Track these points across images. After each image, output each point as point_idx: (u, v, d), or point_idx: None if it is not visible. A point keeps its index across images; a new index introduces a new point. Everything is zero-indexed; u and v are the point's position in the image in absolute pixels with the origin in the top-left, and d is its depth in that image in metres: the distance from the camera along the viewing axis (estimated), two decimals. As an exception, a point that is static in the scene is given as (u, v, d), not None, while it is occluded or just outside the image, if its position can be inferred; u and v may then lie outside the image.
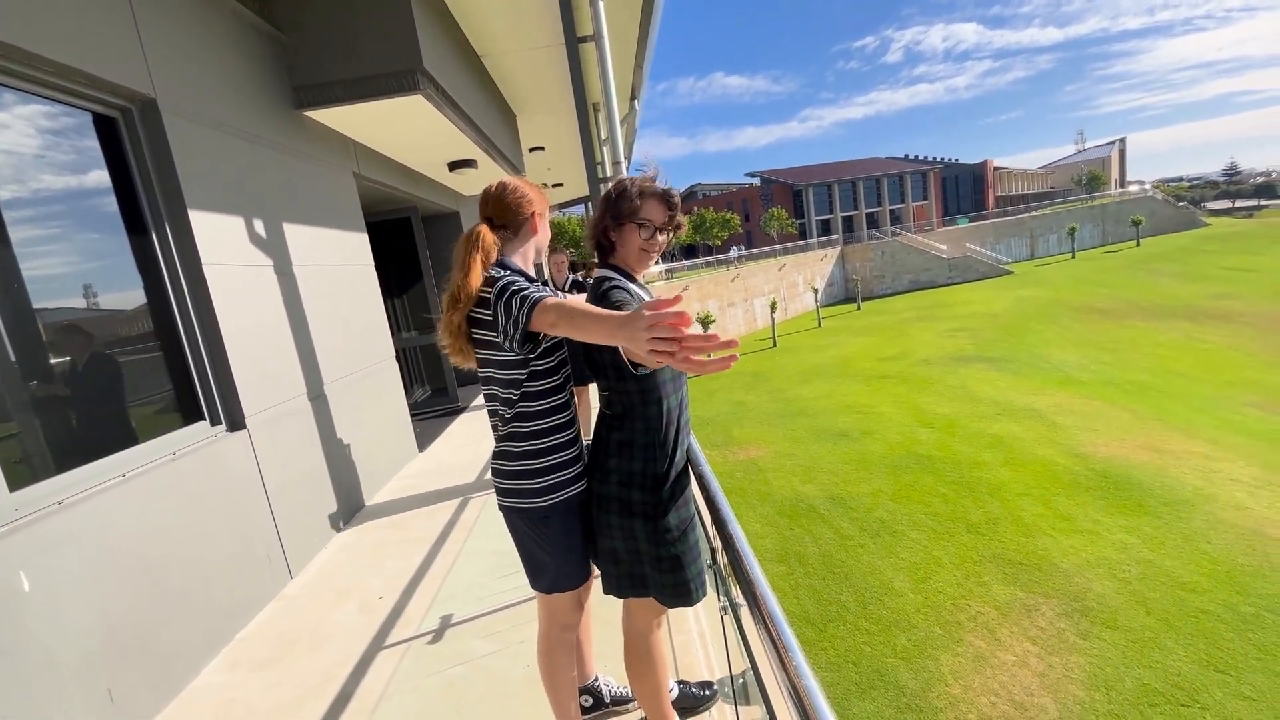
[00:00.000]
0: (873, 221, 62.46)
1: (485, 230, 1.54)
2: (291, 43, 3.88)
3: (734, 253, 41.14)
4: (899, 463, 14.21)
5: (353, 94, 4.04)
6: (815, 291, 37.37)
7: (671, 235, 1.56)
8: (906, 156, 75.28)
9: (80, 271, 2.55)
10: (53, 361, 2.36)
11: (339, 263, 4.45)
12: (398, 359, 5.52)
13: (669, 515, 1.50)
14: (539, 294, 1.37)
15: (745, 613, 1.49)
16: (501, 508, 1.62)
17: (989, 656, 7.98)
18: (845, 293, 45.72)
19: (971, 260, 45.91)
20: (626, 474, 1.51)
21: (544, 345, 1.51)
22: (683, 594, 1.51)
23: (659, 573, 1.51)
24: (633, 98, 8.84)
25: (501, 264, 1.53)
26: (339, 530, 3.80)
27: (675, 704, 1.85)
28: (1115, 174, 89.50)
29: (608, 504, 1.53)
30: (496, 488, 1.62)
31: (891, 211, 64.08)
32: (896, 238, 48.68)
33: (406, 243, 7.14)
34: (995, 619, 8.55)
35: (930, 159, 75.65)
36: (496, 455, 1.61)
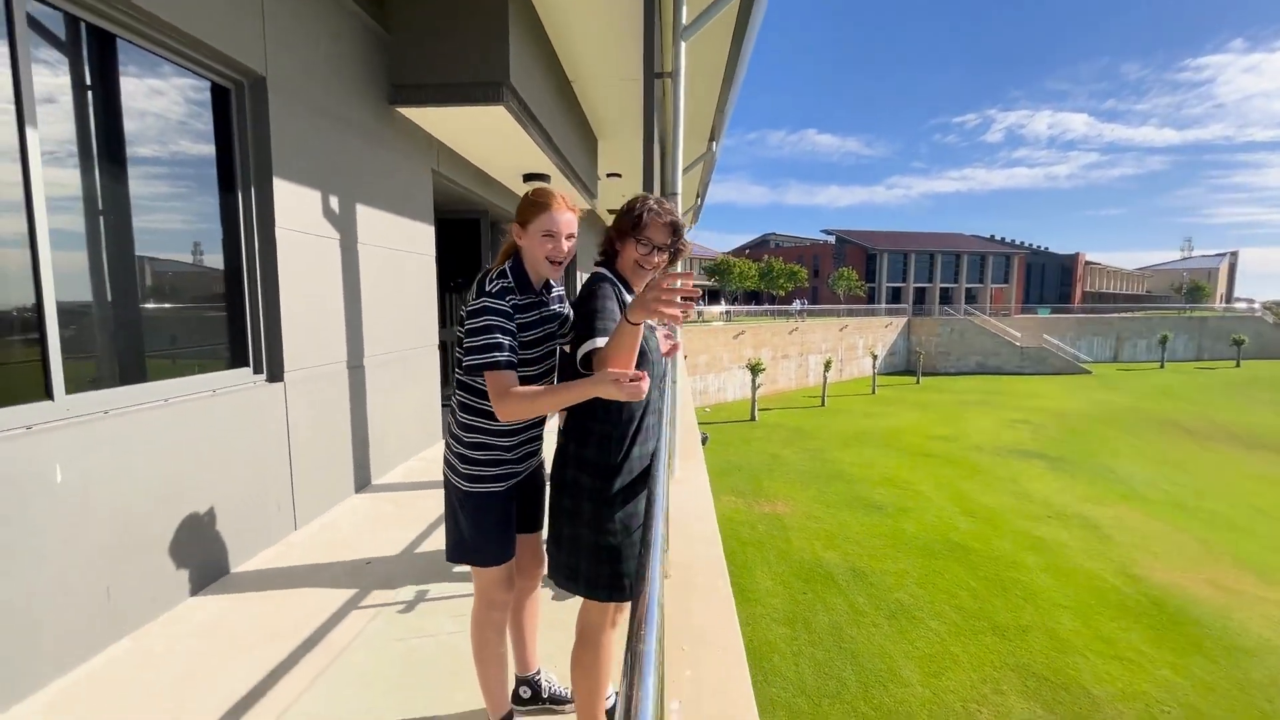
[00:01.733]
0: (946, 297, 60.65)
1: (514, 228, 1.70)
2: (396, 43, 4.26)
3: (796, 305, 40.75)
4: (931, 546, 13.53)
5: (442, 97, 4.37)
6: (874, 357, 36.44)
7: (670, 260, 1.65)
8: (992, 237, 73.06)
9: (173, 218, 2.86)
10: (127, 293, 2.64)
11: (403, 249, 4.76)
12: (443, 350, 5.79)
13: (616, 507, 1.57)
14: (501, 360, 1.53)
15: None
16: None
17: (993, 772, 7.38)
18: (906, 364, 44.35)
19: (1047, 352, 43.76)
20: (581, 459, 1.60)
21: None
22: (617, 587, 1.56)
23: (595, 563, 1.56)
24: (711, 139, 9.07)
25: (506, 270, 1.67)
26: (349, 496, 3.99)
27: (610, 712, 1.85)
28: (1221, 288, 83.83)
29: (562, 487, 1.61)
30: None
31: (968, 290, 62.11)
32: (969, 317, 47.06)
33: (472, 243, 7.51)
34: (1007, 733, 7.92)
35: (1017, 242, 73.13)
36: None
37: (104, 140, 2.47)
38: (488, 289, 1.61)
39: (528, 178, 6.84)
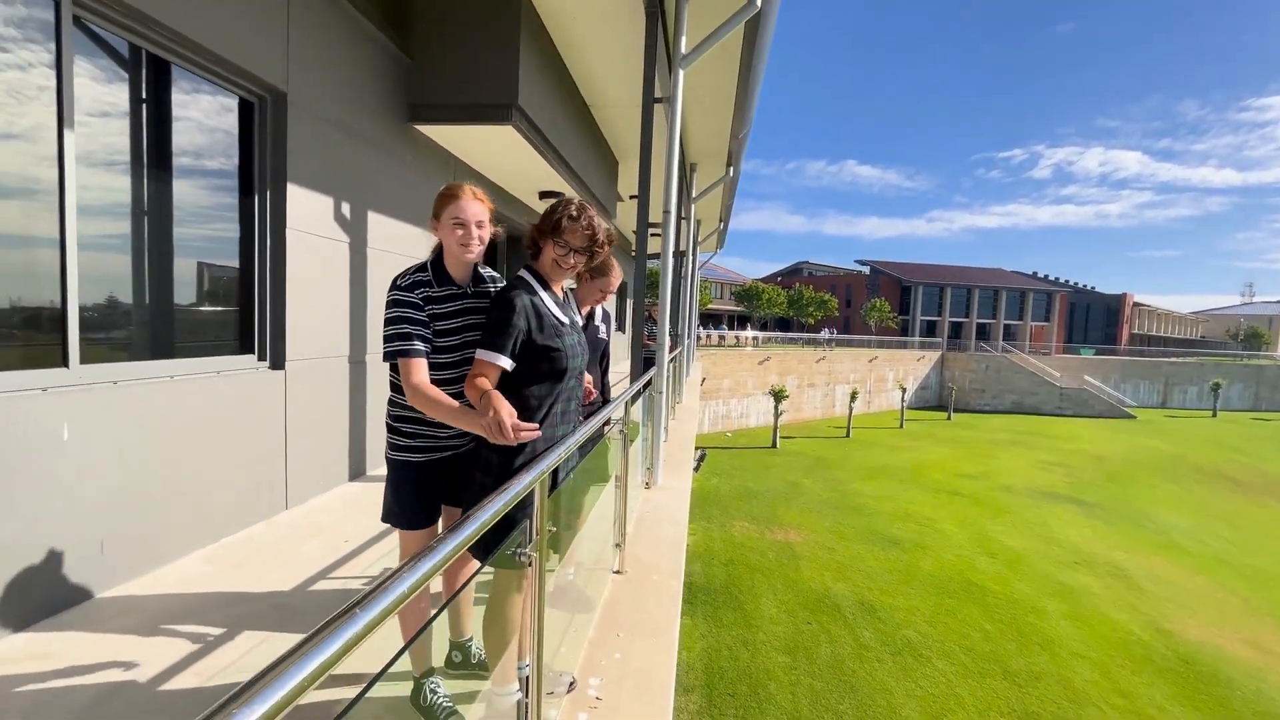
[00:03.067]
0: (983, 333, 59.19)
1: (430, 223, 1.91)
2: (414, 65, 4.60)
3: (825, 334, 40.37)
4: (946, 585, 13.14)
5: (456, 116, 4.70)
6: (903, 390, 35.73)
7: (588, 262, 1.82)
8: (1035, 274, 71.23)
9: (195, 217, 3.18)
10: (145, 281, 2.94)
11: (413, 255, 5.05)
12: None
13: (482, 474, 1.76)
14: (408, 348, 1.71)
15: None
16: None
17: (991, 821, 7.08)
18: (939, 399, 43.30)
19: (1088, 394, 42.19)
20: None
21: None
22: (504, 558, 1.70)
23: (496, 534, 1.71)
24: (729, 164, 9.28)
25: (425, 264, 1.86)
26: (342, 482, 4.22)
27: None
28: (1283, 336, 79.56)
29: (474, 462, 1.77)
30: None
31: (1006, 326, 60.50)
32: (1006, 354, 45.79)
33: (488, 256, 7.83)
34: (1009, 781, 7.60)
35: (1061, 280, 71.13)
36: None
37: (134, 145, 2.80)
38: (400, 283, 1.78)
39: (543, 195, 7.15)
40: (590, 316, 2.67)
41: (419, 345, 1.72)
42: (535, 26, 4.81)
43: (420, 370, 1.71)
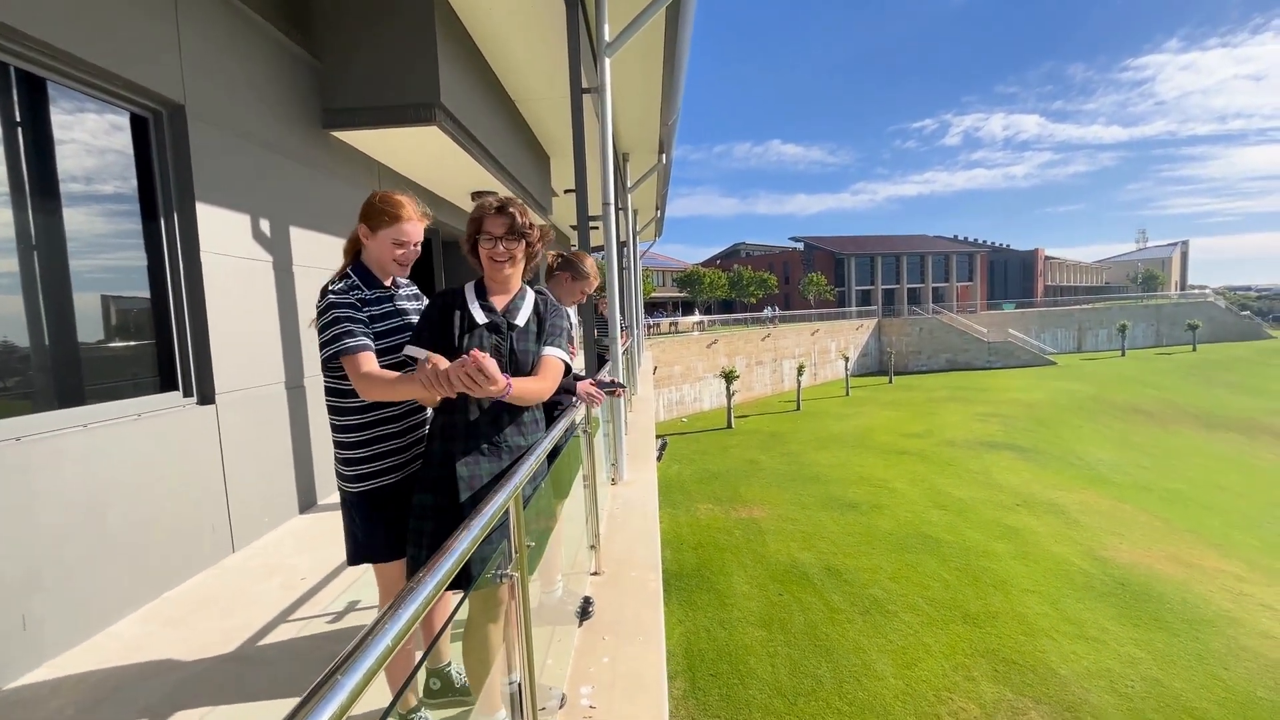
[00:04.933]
0: (914, 297, 61.92)
1: (361, 229, 1.81)
2: (326, 69, 4.34)
3: (768, 312, 41.27)
4: (904, 541, 13.73)
5: (376, 120, 4.46)
6: (846, 360, 36.99)
7: (519, 243, 1.74)
8: (955, 237, 74.94)
9: (93, 246, 2.89)
10: (44, 322, 2.66)
11: (343, 269, 4.80)
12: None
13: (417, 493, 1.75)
14: (352, 345, 1.63)
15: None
16: None
17: (966, 757, 7.49)
18: (879, 365, 45.10)
19: (1013, 346, 44.87)
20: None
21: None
22: (461, 576, 1.65)
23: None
24: (661, 151, 9.27)
25: (349, 272, 1.78)
26: (292, 516, 3.98)
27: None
28: (1175, 276, 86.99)
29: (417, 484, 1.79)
30: None
31: (934, 289, 63.49)
32: (937, 315, 48.11)
33: (424, 264, 7.55)
34: (978, 718, 8.04)
35: (980, 241, 75.14)
36: None
37: (12, 174, 2.51)
38: (332, 288, 1.72)
39: (475, 195, 6.93)
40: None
41: (364, 340, 1.65)
42: (449, 18, 4.62)
43: (370, 361, 1.63)
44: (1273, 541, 14.78)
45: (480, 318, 1.73)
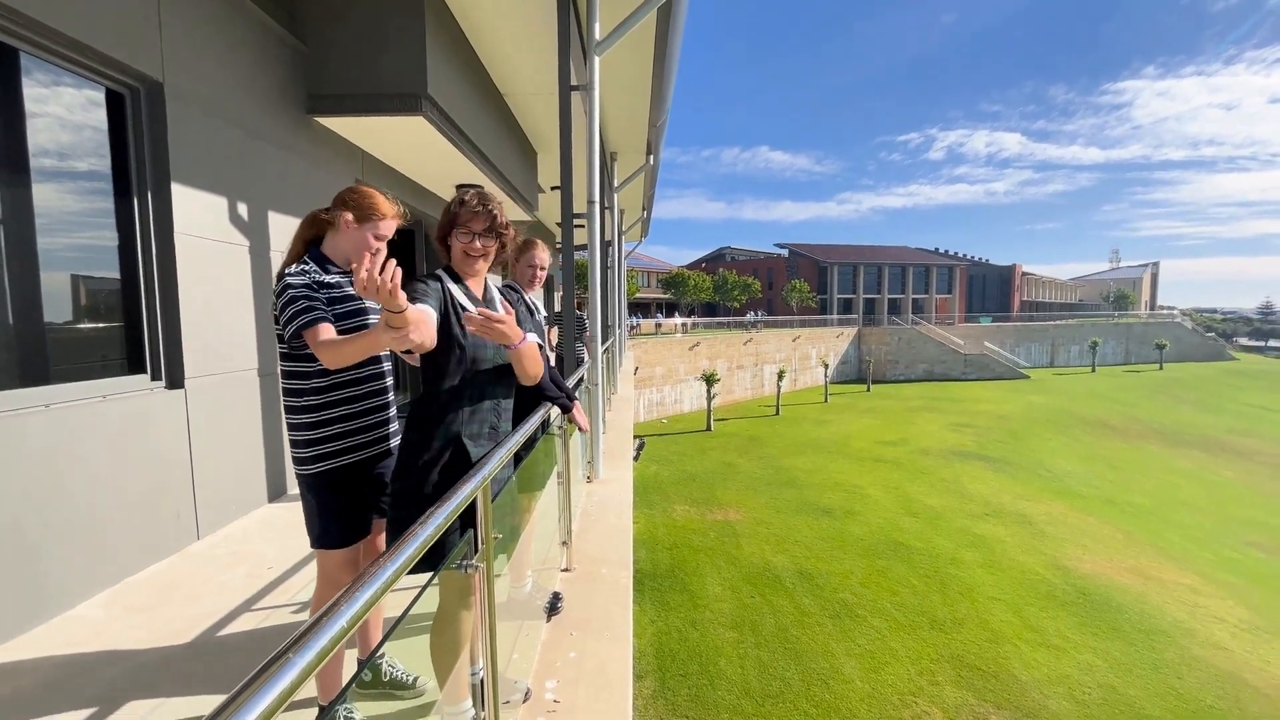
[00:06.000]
0: (894, 308, 62.84)
1: (314, 215, 1.83)
2: (311, 53, 4.29)
3: (750, 317, 41.54)
4: (876, 547, 13.93)
5: (361, 108, 4.41)
6: (826, 367, 37.38)
7: (495, 241, 1.77)
8: (936, 250, 76.20)
9: (64, 223, 2.82)
10: (7, 295, 2.59)
11: (323, 257, 4.74)
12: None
13: (395, 481, 1.73)
14: (310, 318, 1.63)
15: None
16: None
17: (927, 760, 7.62)
18: (858, 373, 45.66)
19: (989, 359, 45.75)
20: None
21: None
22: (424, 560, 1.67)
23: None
24: (649, 152, 9.29)
25: (305, 259, 1.79)
26: (261, 504, 3.93)
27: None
28: (1145, 296, 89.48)
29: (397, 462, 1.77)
30: None
31: (914, 300, 64.49)
32: (916, 326, 48.85)
33: (407, 255, 7.48)
34: (940, 722, 8.20)
35: (960, 255, 76.49)
36: None
37: (-21, 143, 2.44)
38: (288, 271, 1.73)
39: (460, 188, 6.88)
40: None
41: (324, 313, 1.66)
42: (439, 8, 4.59)
43: (330, 331, 1.64)
44: (1227, 556, 15.27)
45: (466, 303, 1.77)
